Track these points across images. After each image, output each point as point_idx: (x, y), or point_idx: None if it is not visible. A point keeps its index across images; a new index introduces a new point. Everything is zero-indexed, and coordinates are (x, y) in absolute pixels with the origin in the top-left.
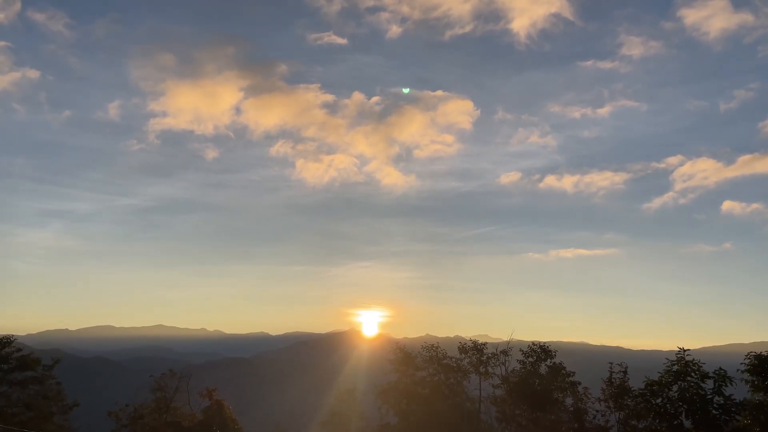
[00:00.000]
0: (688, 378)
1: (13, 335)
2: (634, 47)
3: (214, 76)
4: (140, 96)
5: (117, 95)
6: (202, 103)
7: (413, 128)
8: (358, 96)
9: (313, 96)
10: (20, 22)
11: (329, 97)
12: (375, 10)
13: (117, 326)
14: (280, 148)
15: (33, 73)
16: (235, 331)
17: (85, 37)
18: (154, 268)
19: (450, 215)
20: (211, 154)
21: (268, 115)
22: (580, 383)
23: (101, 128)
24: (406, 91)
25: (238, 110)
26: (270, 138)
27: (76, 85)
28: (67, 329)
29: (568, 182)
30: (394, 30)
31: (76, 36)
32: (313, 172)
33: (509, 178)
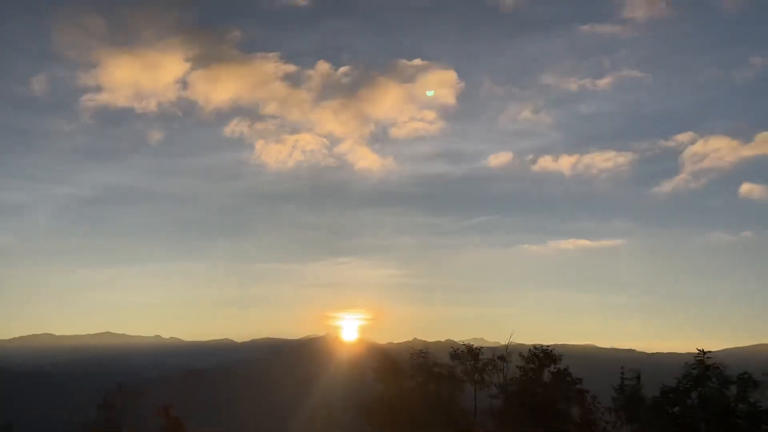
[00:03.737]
0: (709, 383)
1: None
2: (638, 8)
3: (153, 44)
4: (69, 68)
5: (40, 67)
6: (142, 76)
7: (388, 103)
8: (323, 66)
9: (272, 66)
10: None
11: (291, 68)
12: None
13: (57, 334)
14: (235, 128)
15: None
16: (194, 338)
17: None
18: (100, 267)
19: (436, 203)
20: (156, 135)
21: (219, 89)
22: (588, 391)
23: (24, 105)
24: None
25: (184, 84)
26: (222, 116)
27: None
28: None
29: (565, 164)
30: None
31: None
32: (276, 155)
33: (499, 159)
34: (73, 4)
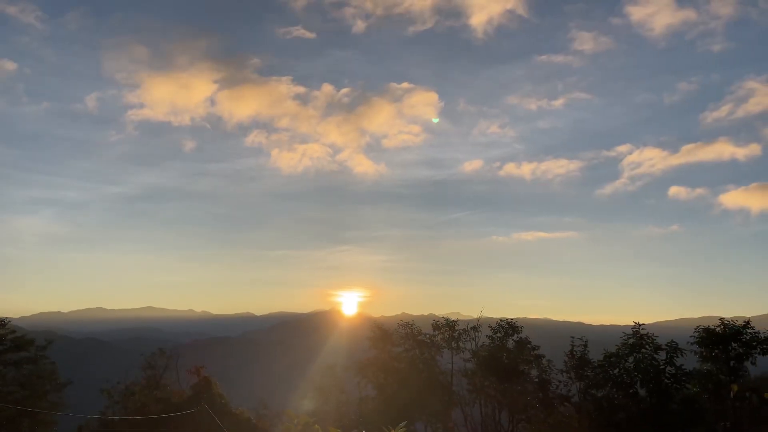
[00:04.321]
0: (643, 350)
1: (7, 318)
2: (586, 42)
3: (187, 69)
4: (116, 88)
5: (93, 87)
6: (177, 95)
7: (381, 119)
8: (328, 88)
9: (285, 88)
10: None
11: (301, 89)
12: (340, 5)
13: (108, 308)
14: (254, 138)
15: (10, 65)
16: (221, 312)
17: (57, 29)
18: (143, 253)
19: (421, 202)
20: (190, 144)
21: (241, 106)
22: (544, 356)
23: (80, 119)
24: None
25: (212, 102)
26: (244, 128)
27: (52, 77)
28: (59, 312)
29: (526, 169)
30: (360, 25)
31: (48, 29)
32: (288, 161)
33: (472, 166)
34: (121, 35)
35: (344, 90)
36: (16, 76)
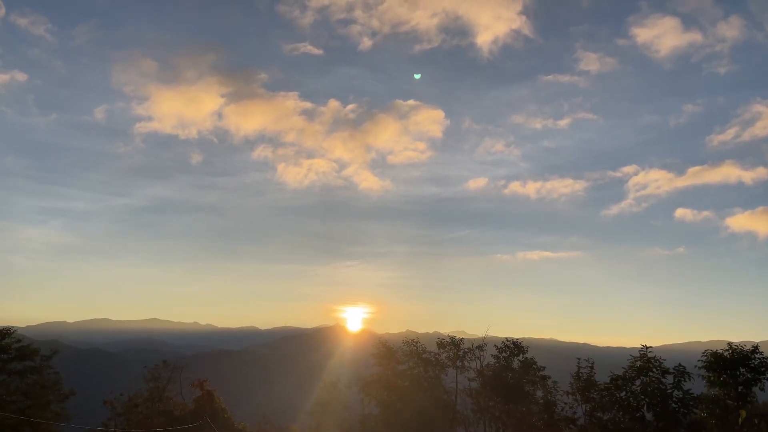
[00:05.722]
0: (650, 373)
1: (12, 327)
2: (591, 63)
3: (195, 82)
4: (125, 100)
5: (102, 99)
6: (185, 108)
7: (387, 135)
8: (334, 104)
9: (292, 103)
10: (5, 27)
11: (307, 105)
12: (346, 23)
13: (113, 319)
14: (261, 153)
15: (21, 76)
16: (225, 325)
17: (67, 41)
18: (149, 265)
19: (426, 218)
20: (196, 157)
21: (248, 120)
22: (549, 377)
23: (89, 131)
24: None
25: (219, 116)
26: (251, 143)
27: (62, 89)
28: (65, 321)
29: (531, 188)
30: (366, 42)
31: (58, 41)
32: (294, 175)
33: (477, 183)
34: (130, 48)
35: (350, 106)
36: (26, 87)
